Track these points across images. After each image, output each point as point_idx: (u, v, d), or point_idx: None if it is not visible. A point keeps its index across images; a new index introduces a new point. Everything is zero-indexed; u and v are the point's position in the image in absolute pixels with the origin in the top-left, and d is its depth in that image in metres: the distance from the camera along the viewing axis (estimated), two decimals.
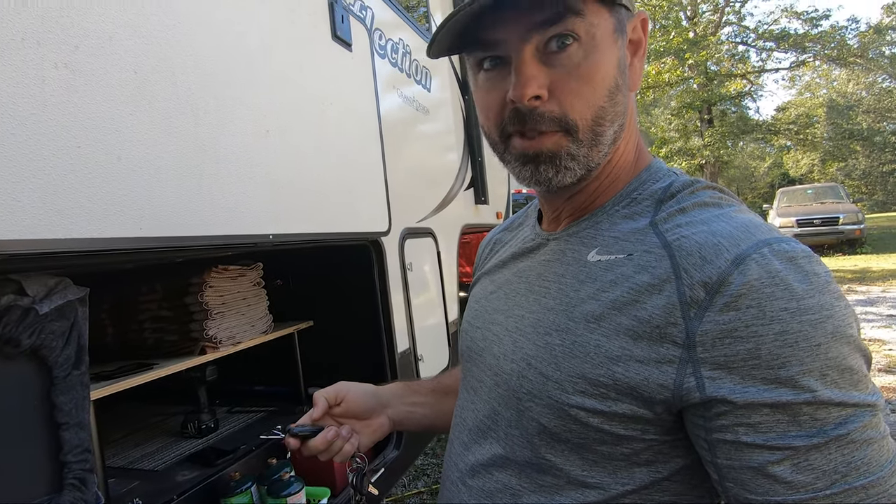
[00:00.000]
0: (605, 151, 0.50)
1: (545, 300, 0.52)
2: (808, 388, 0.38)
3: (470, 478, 0.56)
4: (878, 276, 7.21)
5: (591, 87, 0.47)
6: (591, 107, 0.47)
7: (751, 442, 0.40)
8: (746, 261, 0.40)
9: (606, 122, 0.48)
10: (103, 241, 0.70)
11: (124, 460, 1.38)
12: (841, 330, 0.39)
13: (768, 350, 0.39)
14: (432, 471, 2.62)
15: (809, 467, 0.38)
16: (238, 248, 1.07)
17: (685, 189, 0.49)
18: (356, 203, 1.46)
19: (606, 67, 0.47)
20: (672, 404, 0.43)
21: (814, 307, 0.39)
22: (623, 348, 0.44)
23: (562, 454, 0.48)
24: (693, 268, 0.42)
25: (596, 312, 0.47)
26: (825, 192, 10.94)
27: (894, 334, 4.34)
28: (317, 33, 1.31)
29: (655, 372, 0.43)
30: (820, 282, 0.40)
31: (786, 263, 0.40)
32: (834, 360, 0.39)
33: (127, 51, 0.76)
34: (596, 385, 0.45)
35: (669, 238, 0.45)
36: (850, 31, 16.08)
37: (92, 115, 0.70)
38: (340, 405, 0.71)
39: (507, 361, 0.53)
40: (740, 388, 0.39)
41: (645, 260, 0.46)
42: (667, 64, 14.53)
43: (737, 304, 0.40)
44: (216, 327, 1.36)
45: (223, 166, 0.94)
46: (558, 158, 0.48)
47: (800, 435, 0.38)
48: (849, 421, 0.38)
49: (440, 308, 2.08)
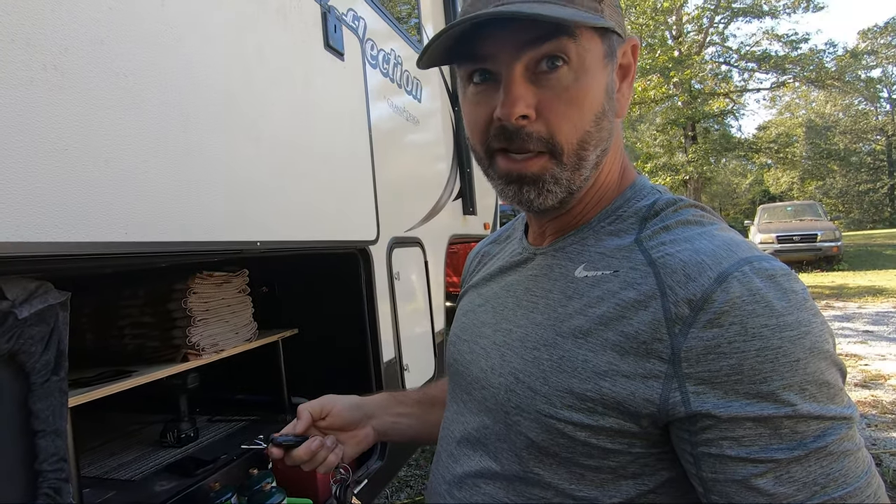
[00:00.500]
0: (587, 175, 0.50)
1: (533, 315, 0.53)
2: (788, 403, 0.39)
3: (457, 489, 0.56)
4: (854, 292, 7.39)
5: (579, 111, 0.48)
6: (577, 130, 0.48)
7: (735, 455, 0.41)
8: (729, 279, 0.42)
9: (591, 147, 0.49)
10: (88, 246, 0.69)
11: (100, 470, 1.34)
12: (818, 345, 0.41)
13: (750, 365, 0.40)
14: (415, 482, 2.59)
15: (791, 479, 0.39)
16: (225, 254, 1.07)
17: (668, 207, 0.51)
18: (345, 211, 1.46)
19: (594, 92, 0.48)
20: (658, 418, 0.44)
21: (793, 324, 0.40)
22: (610, 363, 0.45)
23: (549, 468, 0.49)
24: (678, 285, 0.43)
25: (583, 327, 0.47)
26: (804, 210, 11.21)
27: (870, 350, 4.44)
28: (309, 42, 1.31)
29: (641, 387, 0.43)
30: (798, 299, 0.42)
31: (766, 281, 0.42)
32: (812, 374, 0.40)
33: (117, 54, 0.76)
34: (583, 399, 0.46)
35: (654, 255, 0.46)
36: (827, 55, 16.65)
37: (80, 117, 0.69)
38: (325, 418, 0.71)
39: (495, 375, 0.53)
40: (724, 403, 0.41)
41: (631, 276, 0.47)
42: (652, 81, 14.84)
43: (720, 321, 0.41)
44: (199, 334, 1.34)
45: (212, 172, 0.93)
46: (542, 181, 0.49)
47: (781, 448, 0.40)
48: (827, 434, 0.40)
49: (427, 318, 2.08)
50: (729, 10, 16.60)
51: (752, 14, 16.49)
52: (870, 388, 3.54)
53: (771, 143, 18.83)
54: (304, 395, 1.70)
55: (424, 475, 2.65)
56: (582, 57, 0.47)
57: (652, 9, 15.05)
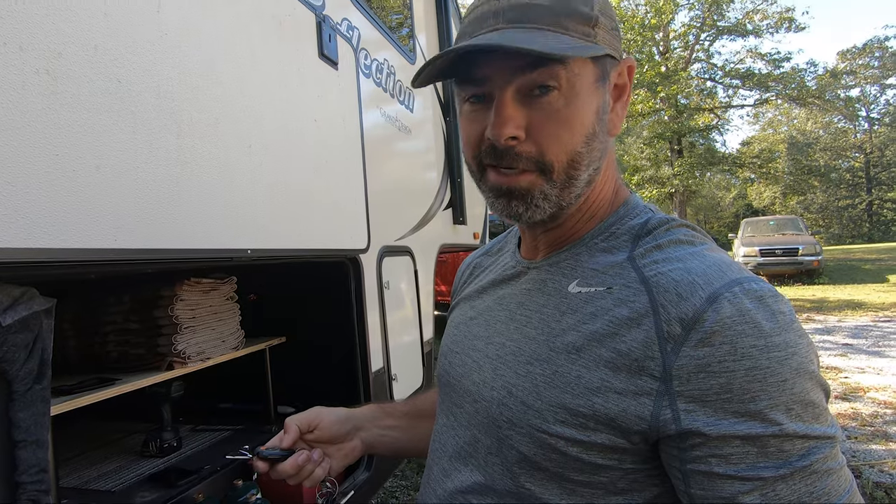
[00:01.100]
0: (579, 192, 0.51)
1: (526, 329, 0.53)
2: (775, 422, 0.40)
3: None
4: (834, 305, 7.54)
5: (569, 133, 0.48)
6: (567, 151, 0.49)
7: (723, 473, 0.41)
8: (720, 299, 0.43)
9: (582, 167, 0.50)
10: (77, 252, 0.68)
11: (79, 480, 1.31)
12: (804, 366, 0.42)
13: (739, 385, 0.41)
14: (401, 493, 2.57)
15: (776, 497, 0.40)
16: (215, 261, 1.06)
17: (661, 226, 0.52)
18: (336, 220, 1.45)
19: (585, 115, 0.49)
20: (649, 435, 0.44)
21: (780, 344, 0.41)
22: (602, 380, 0.46)
23: (540, 483, 0.49)
24: (670, 304, 0.44)
25: (576, 344, 0.48)
26: (786, 224, 11.44)
27: (850, 362, 4.52)
28: (304, 50, 1.32)
29: (633, 403, 0.44)
30: (786, 320, 0.43)
31: (755, 302, 0.43)
32: (798, 394, 0.41)
33: (112, 60, 0.76)
34: (576, 415, 0.46)
35: (647, 273, 0.47)
36: (808, 74, 17.11)
37: (72, 122, 0.69)
38: (313, 431, 0.70)
39: (488, 389, 0.54)
40: (713, 421, 0.41)
41: (624, 294, 0.47)
42: (640, 95, 15.09)
43: (711, 341, 0.42)
44: (185, 342, 1.32)
45: (204, 179, 0.93)
46: (531, 196, 0.50)
47: (767, 466, 0.40)
48: (811, 452, 0.41)
49: (415, 327, 2.07)
50: (714, 28, 17.00)
51: (737, 32, 16.90)
52: (849, 401, 3.60)
53: (754, 158, 19.24)
54: (291, 405, 1.68)
55: (411, 486, 2.62)
56: (572, 82, 0.48)
57: (640, 25, 15.36)
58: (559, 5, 0.47)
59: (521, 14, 0.47)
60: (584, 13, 0.47)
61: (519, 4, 0.47)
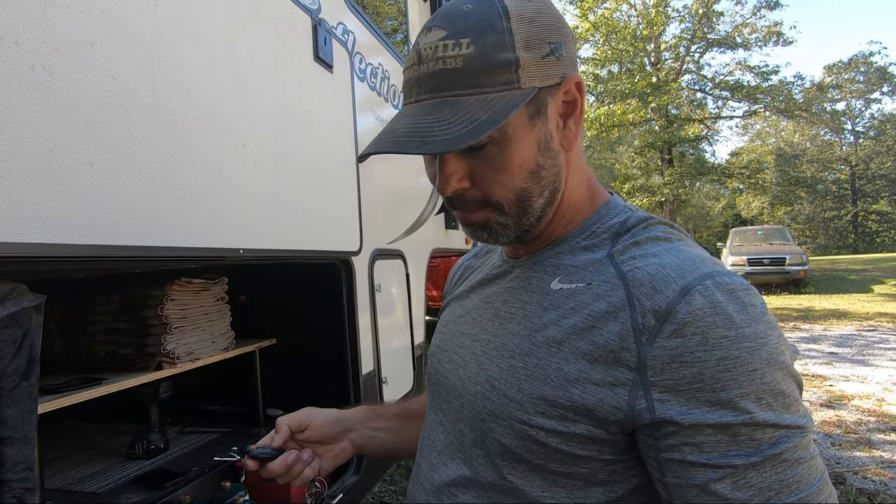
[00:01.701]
0: (539, 216, 0.53)
1: (510, 325, 0.55)
2: (745, 410, 0.42)
3: (435, 498, 0.56)
4: (820, 314, 7.64)
5: (509, 176, 0.50)
6: (511, 190, 0.51)
7: (695, 461, 0.43)
8: (692, 291, 0.44)
9: (533, 198, 0.52)
10: (68, 248, 0.68)
11: (63, 481, 1.29)
12: (774, 357, 0.43)
13: (710, 374, 0.42)
14: (390, 498, 2.55)
15: (747, 485, 0.42)
16: (207, 261, 1.05)
17: (639, 224, 0.53)
18: (329, 221, 1.46)
19: (524, 155, 0.50)
20: (625, 425, 0.46)
21: (750, 335, 0.43)
22: (580, 371, 0.47)
23: (522, 475, 0.50)
24: (645, 297, 0.46)
25: (557, 337, 0.49)
26: (773, 234, 11.61)
27: (834, 371, 4.59)
28: (299, 53, 1.32)
29: (610, 394, 0.45)
30: (756, 312, 0.44)
31: (726, 295, 0.44)
32: (768, 384, 0.42)
33: (108, 57, 0.76)
34: (555, 406, 0.47)
35: (625, 269, 0.49)
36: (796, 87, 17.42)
37: (67, 119, 0.69)
38: (304, 432, 0.70)
39: (472, 383, 0.55)
40: (686, 410, 0.43)
41: (602, 289, 0.49)
42: (631, 105, 15.27)
43: (683, 332, 0.43)
44: (175, 342, 1.31)
45: (198, 178, 0.93)
46: (489, 227, 0.53)
47: (739, 454, 0.42)
48: (781, 441, 0.42)
49: (407, 331, 2.07)
50: (704, 41, 17.28)
51: (726, 45, 17.19)
52: (834, 409, 3.65)
53: (743, 168, 19.51)
54: (280, 407, 1.67)
55: (399, 491, 2.61)
56: (503, 131, 0.48)
57: (632, 35, 15.57)
58: (474, 64, 0.46)
59: (438, 82, 0.48)
60: (502, 62, 0.46)
61: (436, 72, 0.47)
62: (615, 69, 16.57)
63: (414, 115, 0.48)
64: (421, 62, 0.49)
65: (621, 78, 15.80)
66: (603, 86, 15.75)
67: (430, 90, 0.48)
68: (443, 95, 0.48)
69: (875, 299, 9.08)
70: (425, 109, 0.48)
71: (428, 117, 0.47)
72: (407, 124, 0.48)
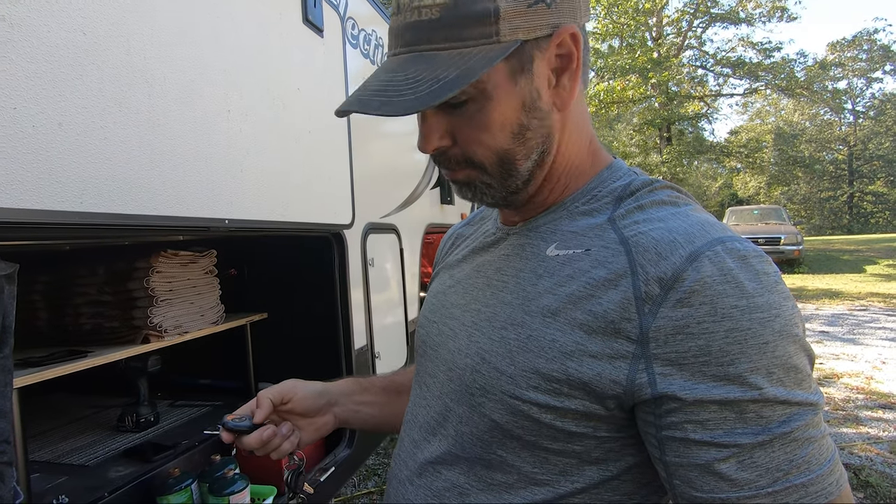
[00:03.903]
0: (526, 178, 0.50)
1: (502, 294, 0.51)
2: (755, 386, 0.39)
3: (418, 476, 0.54)
4: (812, 294, 7.71)
5: (490, 135, 0.47)
6: (493, 151, 0.48)
7: (699, 439, 0.40)
8: (700, 258, 0.41)
9: (518, 160, 0.49)
10: (37, 213, 0.64)
11: (51, 454, 1.28)
12: (788, 329, 0.40)
13: (718, 347, 0.39)
14: (383, 471, 2.58)
15: (753, 464, 0.39)
16: (190, 230, 1.02)
17: (644, 188, 0.50)
18: (319, 193, 1.42)
19: (505, 114, 0.46)
20: (624, 400, 0.43)
21: (763, 305, 0.40)
22: (577, 343, 0.44)
23: (513, 451, 0.48)
24: (649, 263, 0.42)
25: (552, 307, 0.46)
26: (769, 214, 11.61)
27: (825, 349, 4.64)
28: (287, 14, 1.26)
29: (608, 367, 0.42)
30: (770, 281, 0.41)
31: (738, 262, 0.41)
32: (780, 358, 0.39)
33: (76, 10, 0.71)
34: (549, 380, 0.45)
35: (627, 234, 0.45)
36: (798, 65, 17.19)
37: (32, 74, 0.64)
38: (286, 405, 0.68)
39: (462, 356, 0.52)
40: (690, 385, 0.40)
41: (602, 255, 0.45)
42: (631, 81, 15.04)
43: (690, 301, 0.40)
44: (162, 315, 1.28)
45: (178, 144, 0.89)
46: (473, 186, 0.50)
47: (746, 432, 0.39)
48: (792, 419, 0.39)
49: (400, 306, 2.06)
50: (707, 15, 16.93)
51: (729, 20, 16.86)
52: (823, 386, 3.70)
53: (741, 147, 19.39)
54: (272, 381, 1.65)
55: None
56: (481, 88, 0.45)
57: (634, 9, 15.22)
58: (450, 15, 0.43)
59: (414, 35, 0.44)
60: (479, 12, 0.42)
61: (412, 24, 0.44)
62: (616, 44, 16.25)
63: (388, 71, 0.45)
64: (399, 11, 0.45)
65: (622, 53, 15.51)
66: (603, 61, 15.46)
67: (407, 43, 0.45)
68: (419, 49, 0.44)
69: (867, 279, 9.15)
70: (399, 65, 0.45)
71: (400, 74, 0.44)
72: (380, 81, 0.45)
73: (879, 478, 2.40)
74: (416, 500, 0.54)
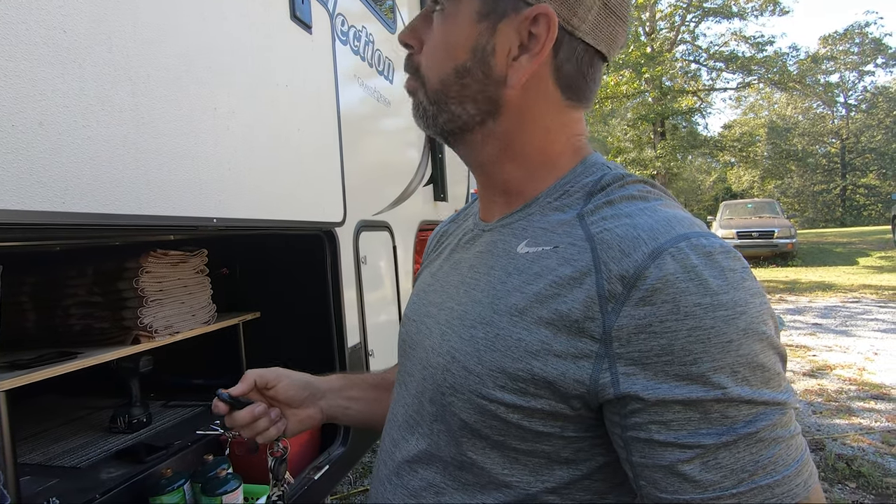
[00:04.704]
0: (457, 125, 0.51)
1: (474, 292, 0.51)
2: (718, 385, 0.38)
3: (396, 476, 0.54)
4: (806, 287, 7.76)
5: (440, 55, 0.50)
6: (437, 72, 0.50)
7: (662, 440, 0.39)
8: (663, 255, 0.40)
9: (451, 97, 0.50)
10: (16, 214, 0.63)
11: (42, 456, 1.27)
12: (753, 327, 0.39)
13: (681, 346, 0.38)
14: None
15: (718, 466, 0.38)
16: (178, 230, 1.01)
17: (615, 182, 0.49)
18: (310, 191, 1.41)
19: (456, 43, 0.49)
20: (589, 400, 0.42)
21: (727, 303, 0.39)
22: (542, 342, 0.43)
23: (482, 451, 0.47)
24: (612, 261, 0.42)
25: (519, 305, 0.45)
26: (763, 207, 11.66)
27: (818, 341, 4.68)
28: (274, 10, 1.25)
29: (572, 367, 0.42)
30: (735, 278, 0.40)
31: (703, 258, 0.40)
32: (745, 356, 0.38)
33: (56, 7, 0.70)
34: (514, 379, 0.44)
35: (593, 230, 0.45)
36: (790, 58, 17.26)
37: (11, 73, 0.63)
38: (270, 390, 0.68)
39: (435, 355, 0.51)
40: (653, 385, 0.39)
41: (569, 252, 0.45)
42: (625, 76, 15.05)
43: (652, 299, 0.39)
44: (152, 315, 1.28)
45: (164, 142, 0.88)
46: (415, 97, 0.53)
47: (710, 433, 0.38)
48: (758, 419, 0.38)
49: (394, 304, 2.05)
50: (700, 10, 16.96)
51: (722, 14, 16.89)
52: (816, 378, 3.72)
53: (735, 141, 19.47)
54: None
55: None
56: (453, 6, 0.49)
57: None
58: None
59: None
60: None
61: None
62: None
63: None
64: None
65: None
66: None
67: None
68: None
69: (860, 271, 9.22)
70: None
71: None
72: None
73: (871, 468, 2.42)
74: (394, 499, 0.53)
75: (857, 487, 2.29)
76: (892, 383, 3.49)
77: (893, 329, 4.95)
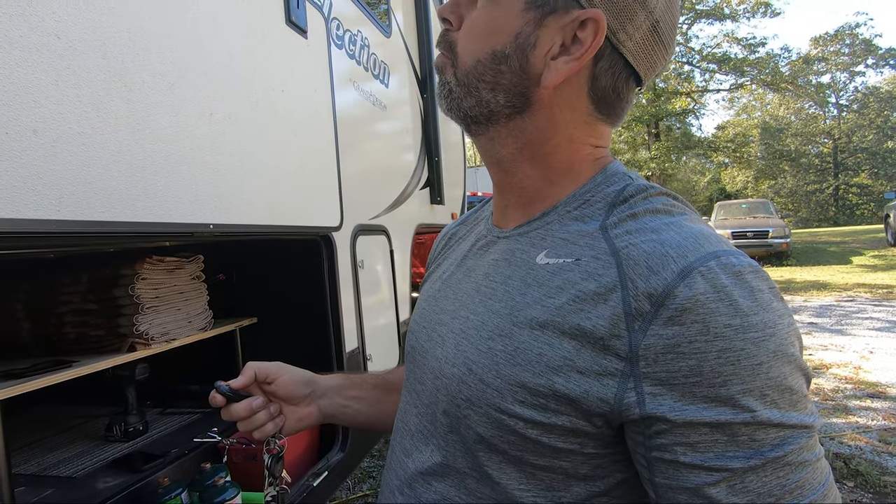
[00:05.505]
0: (484, 111, 0.50)
1: (491, 302, 0.50)
2: (747, 408, 0.37)
3: (408, 487, 0.53)
4: (801, 286, 7.80)
5: (480, 35, 0.49)
6: (473, 52, 0.49)
7: (689, 462, 0.39)
8: (693, 273, 0.39)
9: (483, 83, 0.49)
10: (12, 223, 0.63)
11: (37, 466, 1.25)
12: (783, 349, 0.39)
13: (710, 367, 0.38)
14: (378, 473, 2.57)
15: (745, 489, 0.38)
16: (174, 236, 1.00)
17: (639, 194, 0.48)
18: (306, 196, 1.40)
19: (498, 28, 0.48)
20: (611, 419, 0.42)
21: (757, 324, 0.38)
22: (565, 358, 0.42)
23: (498, 466, 0.46)
24: (639, 278, 0.41)
25: (540, 319, 0.44)
26: (757, 207, 11.74)
27: (814, 340, 4.70)
28: (269, 15, 1.25)
29: (596, 385, 0.41)
30: (765, 298, 0.39)
31: (732, 278, 0.39)
32: (774, 379, 0.38)
33: (50, 13, 0.69)
34: (535, 395, 0.43)
35: (618, 245, 0.44)
36: (782, 59, 17.41)
37: (2, 79, 0.63)
38: (270, 384, 0.67)
39: (449, 365, 0.50)
40: (680, 406, 0.38)
41: (592, 266, 0.44)
42: None
43: (681, 319, 0.38)
44: (148, 322, 1.27)
45: (159, 148, 0.87)
46: (443, 75, 0.52)
47: (737, 456, 0.38)
48: (786, 443, 0.38)
49: (391, 308, 2.05)
50: (693, 12, 17.08)
51: (714, 16, 17.02)
52: (812, 377, 3.73)
53: (728, 142, 19.61)
54: None
55: None
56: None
57: None
58: None
59: None
60: None
61: None
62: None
63: None
64: None
65: None
66: None
67: None
68: None
69: (854, 270, 9.28)
70: None
71: None
72: None
73: (869, 466, 2.43)
74: None
75: (855, 486, 2.30)
76: (888, 381, 3.51)
77: (888, 327, 4.98)
